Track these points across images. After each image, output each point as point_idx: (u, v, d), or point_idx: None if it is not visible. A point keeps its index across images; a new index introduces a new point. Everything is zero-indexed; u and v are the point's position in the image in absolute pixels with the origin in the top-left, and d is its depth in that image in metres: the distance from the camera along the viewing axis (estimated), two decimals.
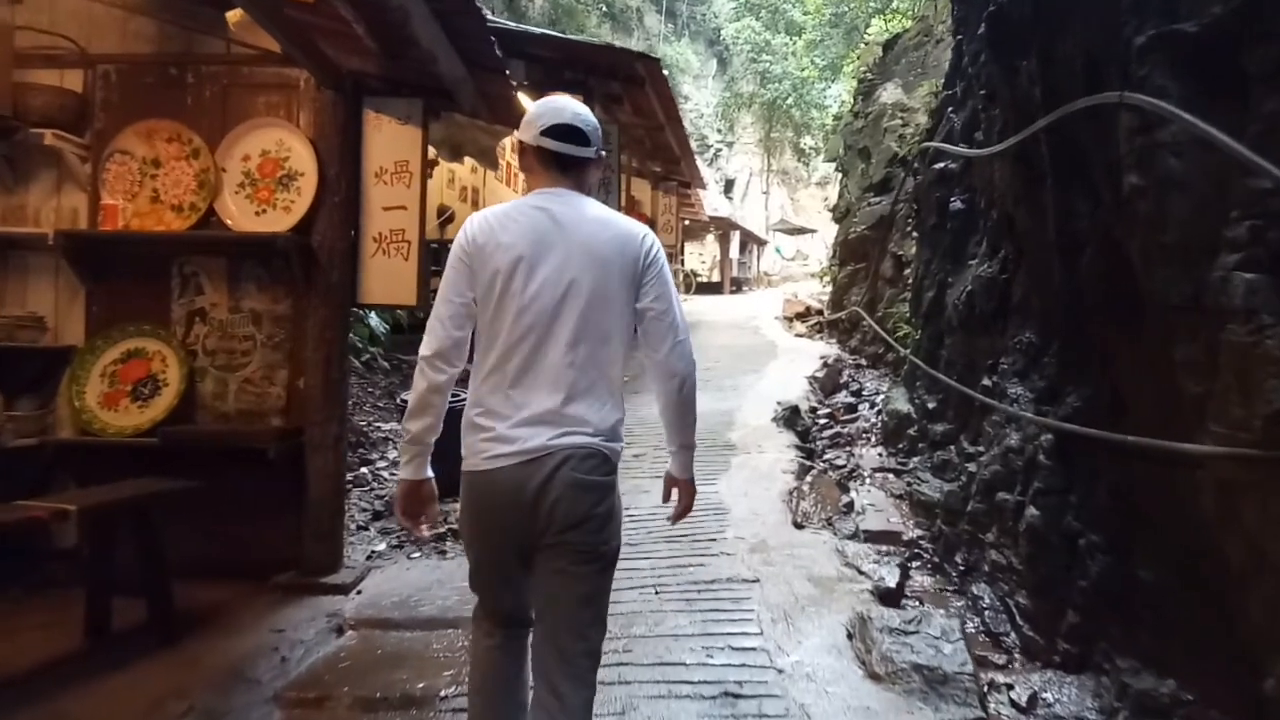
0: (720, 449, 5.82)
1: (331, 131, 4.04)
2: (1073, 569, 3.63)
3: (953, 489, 4.98)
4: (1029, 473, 4.11)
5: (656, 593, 3.65)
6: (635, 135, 11.38)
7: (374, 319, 6.26)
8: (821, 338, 11.20)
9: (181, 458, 3.87)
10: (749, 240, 32.99)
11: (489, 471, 1.98)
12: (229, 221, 4.06)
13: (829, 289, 13.13)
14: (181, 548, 3.89)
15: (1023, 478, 4.16)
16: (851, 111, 14.36)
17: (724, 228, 27.32)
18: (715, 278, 27.86)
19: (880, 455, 6.61)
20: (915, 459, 6.15)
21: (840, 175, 16.08)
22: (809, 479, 5.22)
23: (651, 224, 15.20)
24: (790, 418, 6.45)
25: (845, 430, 7.13)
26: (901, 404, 6.77)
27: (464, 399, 2.11)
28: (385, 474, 5.57)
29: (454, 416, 2.03)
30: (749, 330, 11.73)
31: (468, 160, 11.87)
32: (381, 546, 4.49)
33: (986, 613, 4.09)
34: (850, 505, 5.23)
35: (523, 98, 10.47)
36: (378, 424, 6.54)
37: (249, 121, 4.09)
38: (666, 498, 2.38)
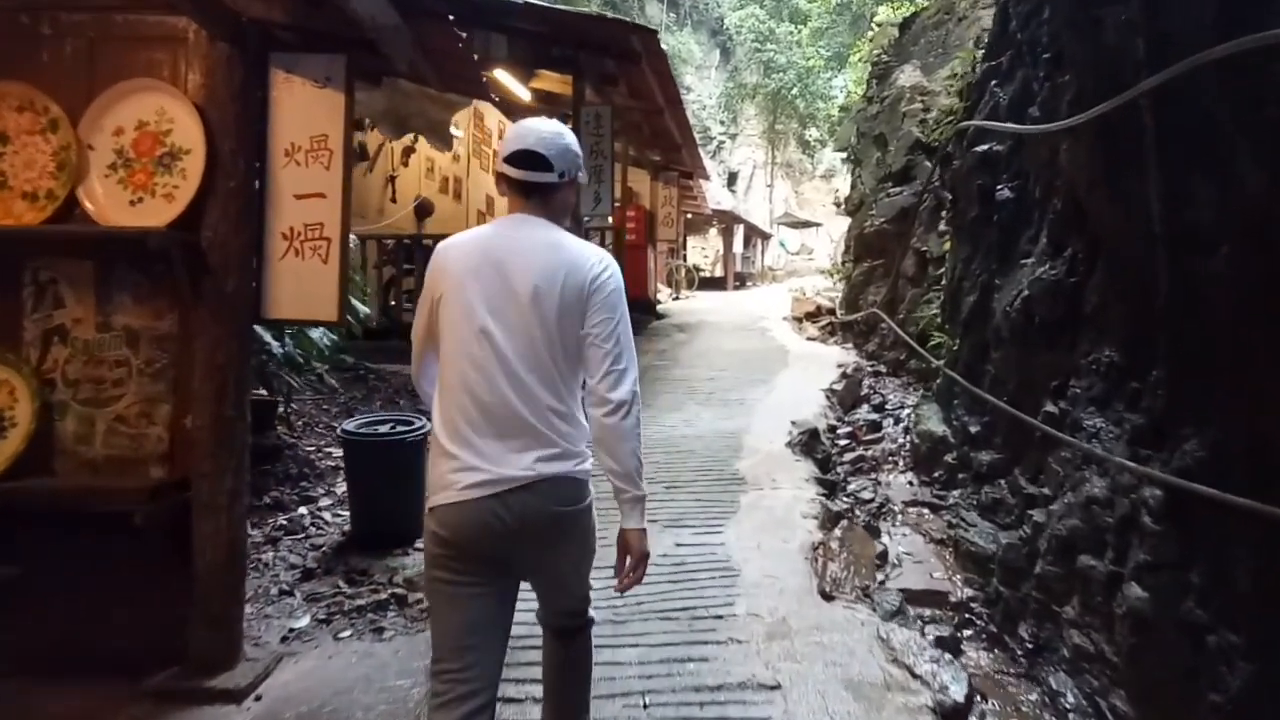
0: (726, 483, 4.91)
1: (226, 97, 3.13)
2: (1198, 676, 2.72)
3: (1012, 541, 4.06)
4: (1125, 535, 3.20)
5: (645, 706, 2.75)
6: (632, 120, 10.44)
7: (317, 329, 5.35)
8: (835, 341, 10.28)
9: (30, 519, 2.98)
10: (753, 234, 32.16)
11: (461, 504, 1.95)
12: (95, 213, 3.15)
13: (841, 287, 12.21)
14: (28, 639, 3.00)
15: (1115, 540, 3.25)
16: (864, 97, 13.41)
17: (727, 221, 26.45)
18: (718, 273, 26.96)
19: (912, 485, 5.70)
20: (956, 492, 5.24)
21: (851, 165, 15.14)
22: (837, 532, 4.31)
23: (651, 217, 14.28)
24: (809, 443, 5.53)
25: (869, 453, 6.22)
26: (935, 424, 5.86)
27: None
28: (328, 516, 4.67)
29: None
30: (756, 332, 10.78)
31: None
32: (304, 621, 3.58)
33: (1071, 717, 3.18)
34: (884, 556, 4.33)
35: (504, 76, 9.54)
36: (329, 449, 5.64)
37: (122, 85, 3.17)
38: (620, 566, 2.11)
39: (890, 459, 6.16)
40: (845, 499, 5.35)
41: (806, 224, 38.95)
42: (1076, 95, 3.76)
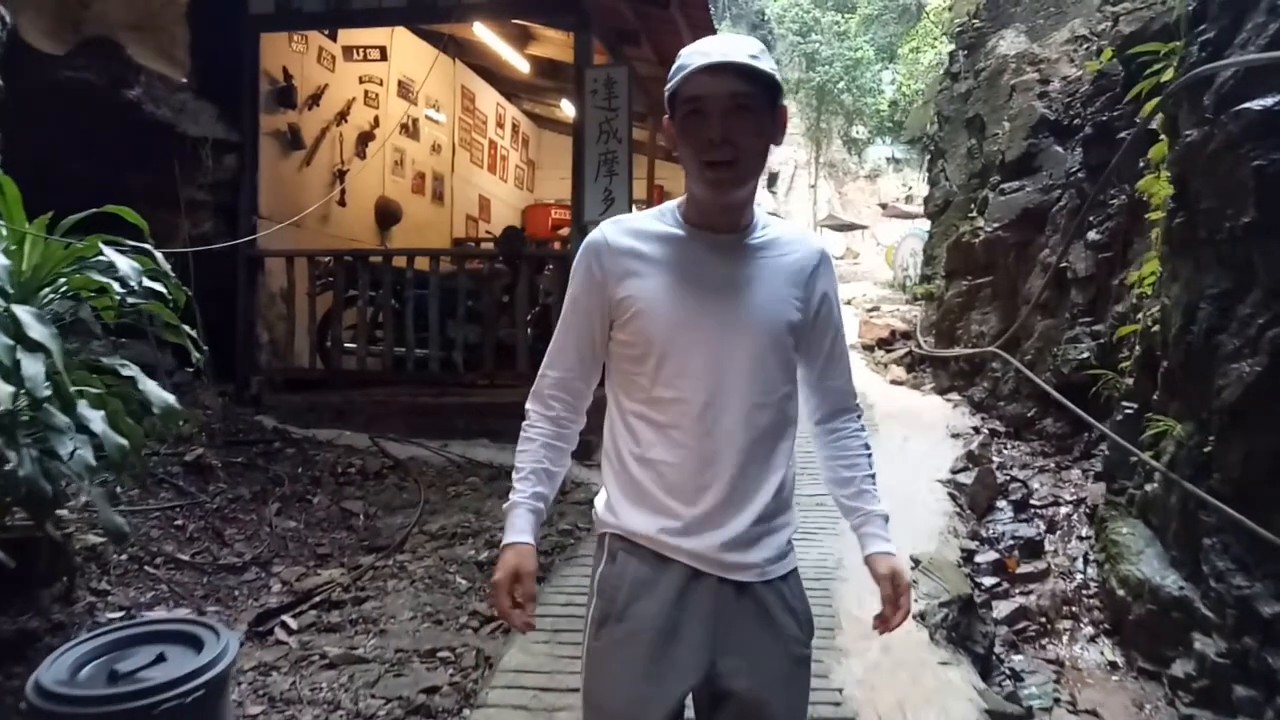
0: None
1: None
2: None
3: None
4: None
5: None
6: (661, 97, 8.19)
7: (149, 383, 3.06)
8: (928, 383, 7.91)
9: None
10: None
11: None
12: None
13: (924, 307, 9.84)
14: None
15: None
16: (948, 73, 11.03)
17: None
18: None
19: (1117, 668, 3.39)
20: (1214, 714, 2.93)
21: (928, 157, 12.74)
22: None
23: None
24: (960, 619, 3.20)
25: (1032, 600, 3.91)
26: (1150, 565, 3.56)
27: None
28: None
29: None
30: None
31: (425, 136, 8.88)
32: None
33: None
34: None
35: (493, 39, 7.31)
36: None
37: None
38: None
39: (1067, 611, 3.85)
40: (1011, 703, 3.04)
41: (852, 226, 36.61)
42: None
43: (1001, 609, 3.80)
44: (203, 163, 5.77)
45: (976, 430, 5.95)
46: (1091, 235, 5.88)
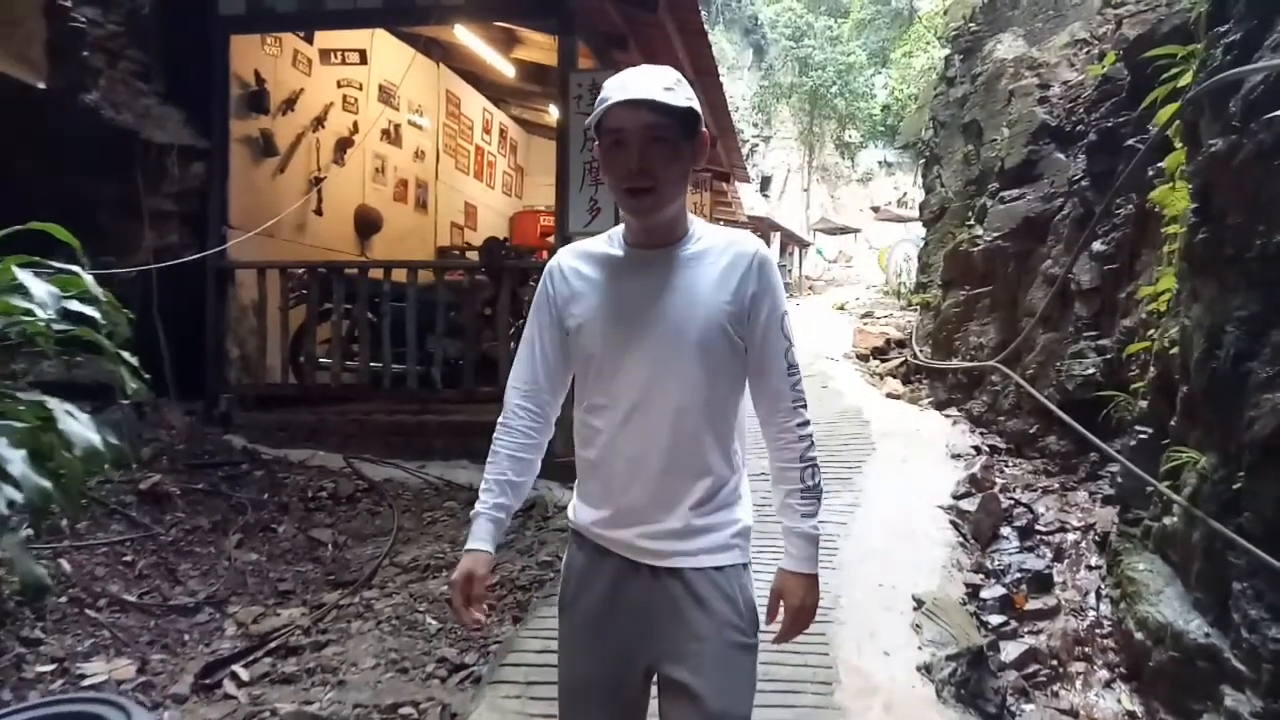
0: None
1: None
2: None
3: None
4: None
5: None
6: None
7: (77, 421, 2.75)
8: (924, 395, 7.66)
9: None
10: (789, 242, 29.76)
11: None
12: None
13: (919, 316, 9.60)
14: None
15: None
16: (943, 78, 10.83)
17: (763, 228, 24.00)
18: None
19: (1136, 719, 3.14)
20: None
21: (923, 162, 12.53)
22: None
23: None
24: (969, 675, 2.93)
25: (1043, 641, 3.66)
26: (1170, 610, 3.33)
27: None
28: None
29: None
30: (813, 380, 8.03)
31: (407, 142, 8.61)
32: None
33: None
34: None
35: (476, 43, 7.07)
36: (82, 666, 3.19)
37: None
38: None
39: (1081, 651, 3.60)
40: None
41: (845, 230, 36.62)
42: None
43: (1010, 651, 3.54)
44: (168, 171, 5.50)
45: (977, 450, 5.69)
46: (1096, 245, 5.64)
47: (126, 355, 3.16)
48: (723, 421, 1.61)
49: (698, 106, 1.53)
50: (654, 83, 1.49)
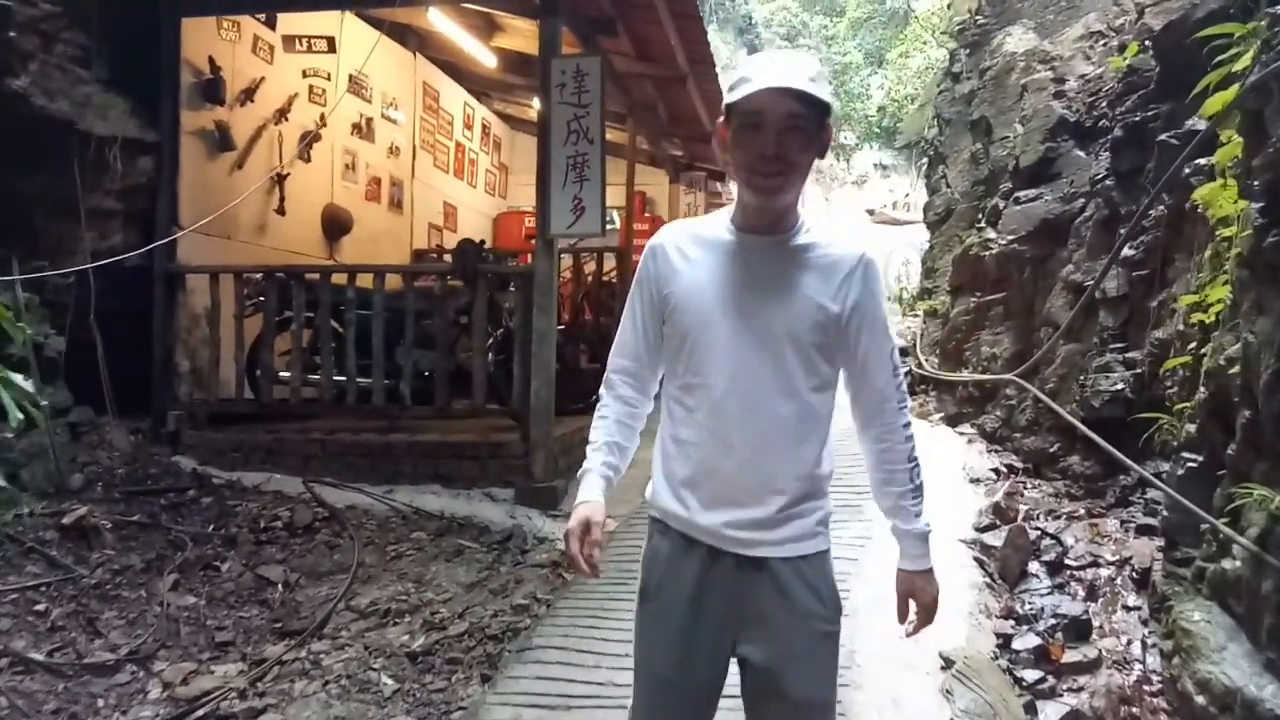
0: None
1: None
2: None
3: None
4: None
5: None
6: (642, 96, 7.47)
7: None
8: (933, 407, 7.22)
9: None
10: None
11: None
12: None
13: (924, 323, 9.17)
14: None
15: None
16: (948, 74, 10.39)
17: None
18: None
19: None
20: None
21: (926, 162, 12.11)
22: None
23: None
24: None
25: (1084, 701, 3.21)
26: (1235, 671, 2.91)
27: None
28: None
29: None
30: None
31: (381, 137, 8.13)
32: None
33: None
34: None
35: (455, 30, 6.61)
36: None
37: None
38: None
39: (1128, 712, 3.15)
40: None
41: None
42: None
43: (1050, 715, 3.09)
44: (111, 166, 5.01)
45: (997, 473, 5.25)
46: (1124, 250, 5.20)
47: (17, 377, 2.67)
48: (817, 414, 1.62)
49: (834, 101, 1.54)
50: (800, 72, 1.49)
